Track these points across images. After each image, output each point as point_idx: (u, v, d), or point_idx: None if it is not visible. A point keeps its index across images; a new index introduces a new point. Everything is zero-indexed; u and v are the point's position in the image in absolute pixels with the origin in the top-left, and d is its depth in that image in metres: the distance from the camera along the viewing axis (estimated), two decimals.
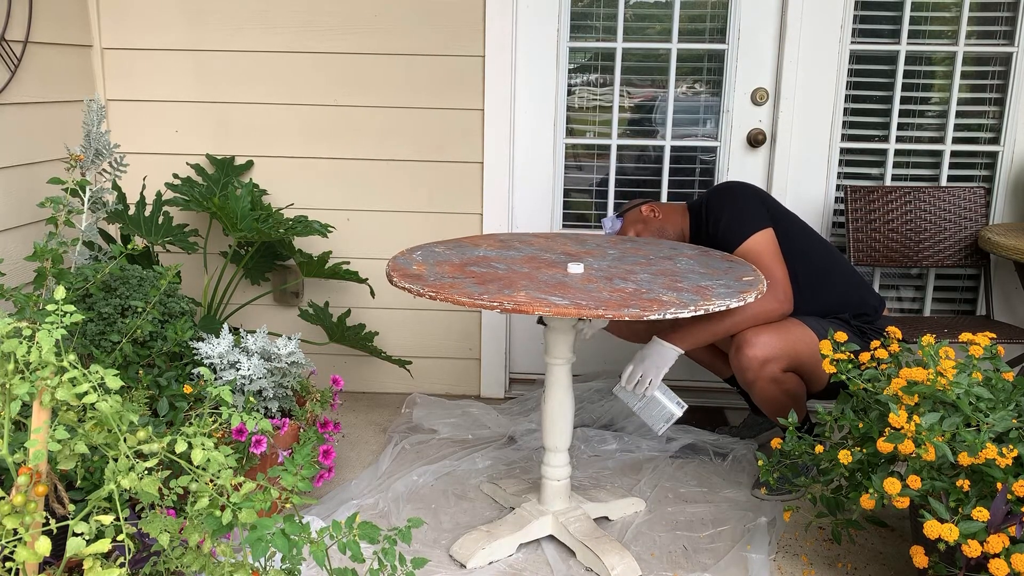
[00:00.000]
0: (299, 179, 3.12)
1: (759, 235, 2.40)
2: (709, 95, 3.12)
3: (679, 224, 2.60)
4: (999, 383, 1.92)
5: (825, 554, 2.22)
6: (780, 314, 2.36)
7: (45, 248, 2.17)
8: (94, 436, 1.25)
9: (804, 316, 2.43)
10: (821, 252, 2.52)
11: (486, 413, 2.99)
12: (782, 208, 2.54)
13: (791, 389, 2.38)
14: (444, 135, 3.05)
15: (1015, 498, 1.69)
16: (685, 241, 2.59)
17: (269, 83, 3.04)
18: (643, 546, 2.23)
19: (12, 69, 2.57)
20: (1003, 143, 3.02)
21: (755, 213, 2.44)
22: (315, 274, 2.91)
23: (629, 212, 2.64)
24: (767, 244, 2.40)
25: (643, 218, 2.61)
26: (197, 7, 2.99)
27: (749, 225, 2.42)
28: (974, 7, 2.95)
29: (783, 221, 2.49)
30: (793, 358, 2.35)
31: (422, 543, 2.22)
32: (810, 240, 2.52)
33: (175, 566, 1.38)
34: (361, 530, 1.34)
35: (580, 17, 3.07)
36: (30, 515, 1.16)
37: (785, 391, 2.37)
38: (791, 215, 2.55)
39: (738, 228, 2.42)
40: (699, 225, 2.56)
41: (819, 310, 2.47)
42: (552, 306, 1.76)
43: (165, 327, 2.27)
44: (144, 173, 3.07)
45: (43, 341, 1.17)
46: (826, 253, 2.53)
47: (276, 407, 2.34)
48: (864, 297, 2.51)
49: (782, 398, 2.38)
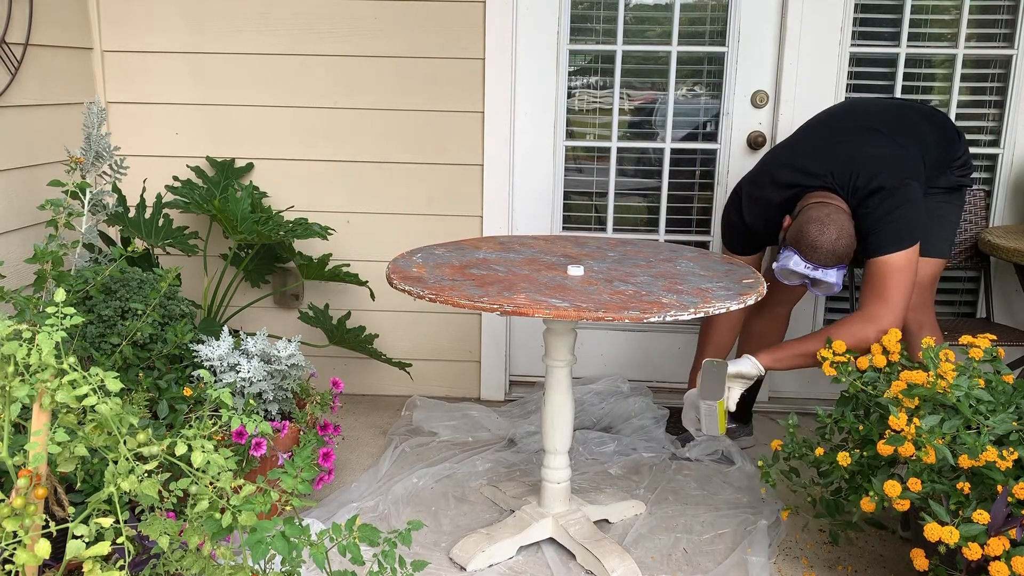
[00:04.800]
0: (299, 181, 3.12)
1: (908, 251, 2.26)
2: (709, 97, 3.12)
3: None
4: (999, 385, 1.92)
5: (825, 557, 2.22)
6: (876, 340, 2.19)
7: (45, 250, 2.17)
8: (94, 439, 1.25)
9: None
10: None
11: (486, 415, 2.99)
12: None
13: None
14: (444, 137, 3.05)
15: (1015, 501, 1.69)
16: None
17: (269, 85, 3.04)
18: (643, 549, 2.23)
19: (12, 71, 2.57)
20: (1003, 145, 3.02)
21: (920, 227, 2.29)
22: (315, 276, 2.91)
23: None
24: (909, 262, 2.25)
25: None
26: (197, 10, 2.99)
27: (907, 238, 2.26)
28: (974, 10, 2.96)
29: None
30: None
31: (422, 545, 2.22)
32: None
33: (175, 568, 1.38)
34: (361, 532, 1.34)
35: (580, 20, 3.08)
36: (30, 517, 1.16)
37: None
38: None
39: (897, 239, 2.25)
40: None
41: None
42: (552, 308, 1.76)
43: (165, 329, 2.27)
44: (144, 175, 3.07)
45: (43, 343, 1.16)
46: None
47: (276, 409, 2.34)
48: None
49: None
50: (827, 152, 2.39)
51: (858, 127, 2.42)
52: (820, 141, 2.46)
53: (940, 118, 2.52)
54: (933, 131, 2.45)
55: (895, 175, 2.28)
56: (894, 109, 2.52)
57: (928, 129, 2.44)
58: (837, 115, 2.55)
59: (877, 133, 2.39)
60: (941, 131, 2.47)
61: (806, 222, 2.25)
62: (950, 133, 2.49)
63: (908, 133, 2.40)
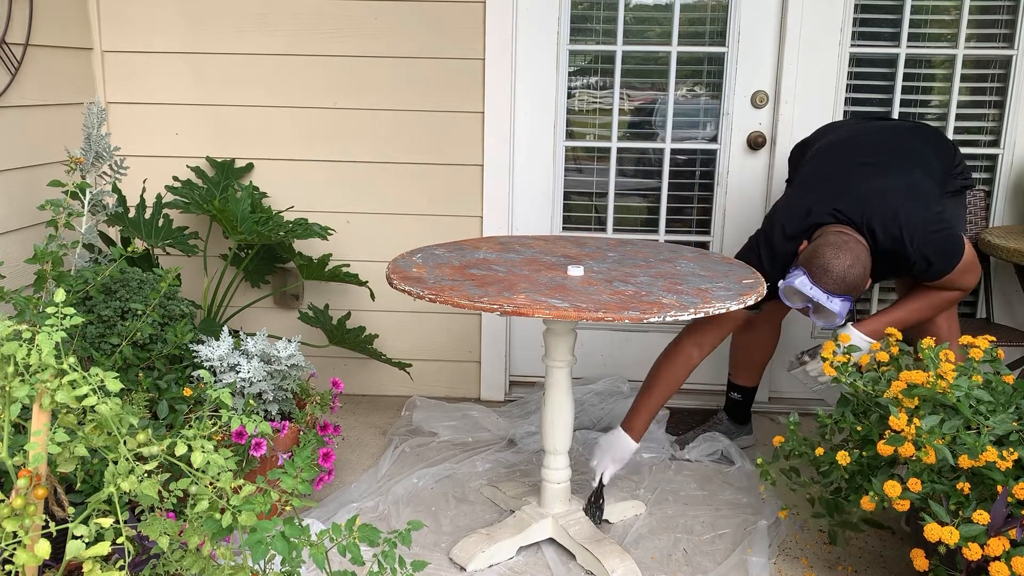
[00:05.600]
0: (299, 182, 3.12)
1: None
2: (709, 98, 3.12)
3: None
4: (999, 386, 1.92)
5: (825, 557, 2.22)
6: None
7: (45, 250, 2.17)
8: (94, 439, 1.24)
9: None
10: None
11: (486, 416, 2.99)
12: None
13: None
14: (444, 138, 3.05)
15: (1015, 501, 1.69)
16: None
17: (269, 86, 3.04)
18: (643, 549, 2.23)
19: (12, 72, 2.57)
20: (1003, 146, 3.02)
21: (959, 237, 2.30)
22: (315, 277, 2.91)
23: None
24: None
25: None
26: (197, 10, 2.99)
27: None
28: (974, 10, 2.96)
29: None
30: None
31: (422, 546, 2.22)
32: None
33: (175, 569, 1.38)
34: (361, 533, 1.34)
35: (580, 20, 3.08)
36: (30, 518, 1.16)
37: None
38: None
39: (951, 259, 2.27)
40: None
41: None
42: (552, 308, 1.76)
43: (165, 330, 2.27)
44: (144, 176, 3.07)
45: (43, 344, 1.16)
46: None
47: (276, 410, 2.34)
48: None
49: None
50: (849, 198, 2.30)
51: (864, 164, 2.37)
52: (832, 193, 2.34)
53: (934, 135, 2.51)
54: (933, 152, 2.44)
55: (925, 210, 2.26)
56: (894, 137, 2.48)
57: (929, 152, 2.43)
58: (840, 154, 2.46)
59: (887, 170, 2.34)
60: (939, 147, 2.47)
61: (822, 244, 2.20)
62: (946, 145, 2.49)
63: (916, 161, 2.38)
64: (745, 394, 2.84)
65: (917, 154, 2.40)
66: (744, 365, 2.81)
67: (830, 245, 2.19)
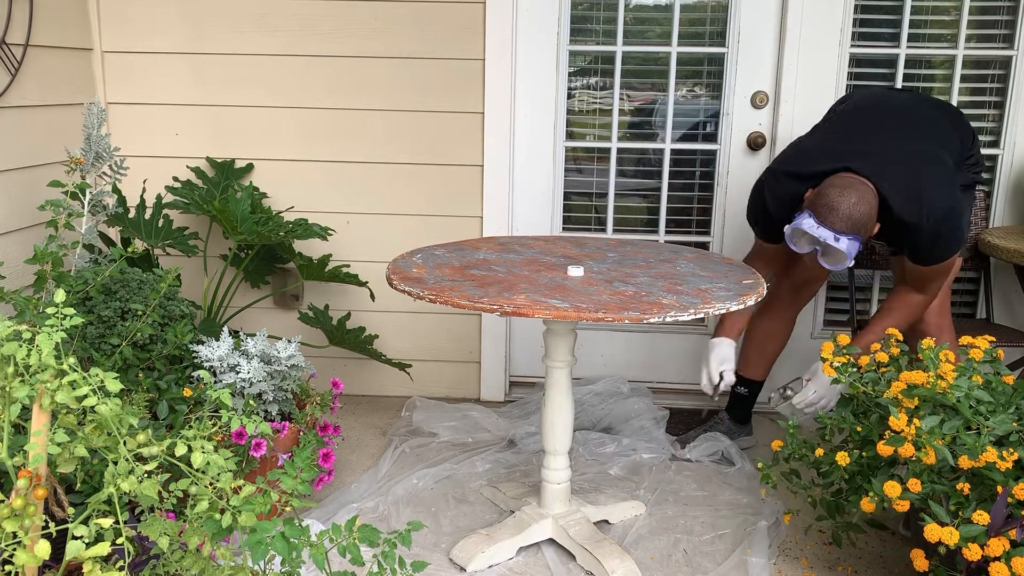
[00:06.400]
0: (299, 182, 3.12)
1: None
2: (709, 98, 3.12)
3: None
4: (999, 386, 1.92)
5: (826, 557, 2.22)
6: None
7: (45, 251, 2.17)
8: (94, 439, 1.24)
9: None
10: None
11: (486, 416, 2.99)
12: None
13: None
14: (444, 138, 3.05)
15: (1015, 501, 1.69)
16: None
17: (269, 86, 3.04)
18: (643, 550, 2.23)
19: (12, 72, 2.57)
20: (1003, 146, 3.02)
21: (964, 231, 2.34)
22: (315, 277, 2.91)
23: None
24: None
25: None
26: (197, 11, 2.99)
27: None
28: (974, 10, 2.96)
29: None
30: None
31: (422, 546, 2.22)
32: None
33: (175, 569, 1.38)
34: (361, 533, 1.34)
35: (580, 20, 3.08)
36: (29, 518, 1.16)
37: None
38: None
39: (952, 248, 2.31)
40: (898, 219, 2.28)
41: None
42: (552, 309, 1.76)
43: (165, 330, 2.27)
44: (144, 176, 3.07)
45: (43, 344, 1.16)
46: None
47: (276, 410, 2.34)
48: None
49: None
50: (869, 156, 2.28)
51: (898, 127, 2.37)
52: (851, 150, 2.31)
53: (959, 116, 2.50)
54: (955, 133, 2.43)
55: (947, 193, 2.26)
56: (921, 109, 2.47)
57: (951, 134, 2.42)
58: (868, 113, 2.46)
59: (915, 140, 2.34)
60: (961, 129, 2.46)
61: (827, 185, 2.21)
62: (967, 130, 2.48)
63: (943, 137, 2.38)
64: (752, 389, 2.84)
65: (943, 133, 2.40)
66: (758, 355, 2.83)
67: (835, 186, 2.20)
